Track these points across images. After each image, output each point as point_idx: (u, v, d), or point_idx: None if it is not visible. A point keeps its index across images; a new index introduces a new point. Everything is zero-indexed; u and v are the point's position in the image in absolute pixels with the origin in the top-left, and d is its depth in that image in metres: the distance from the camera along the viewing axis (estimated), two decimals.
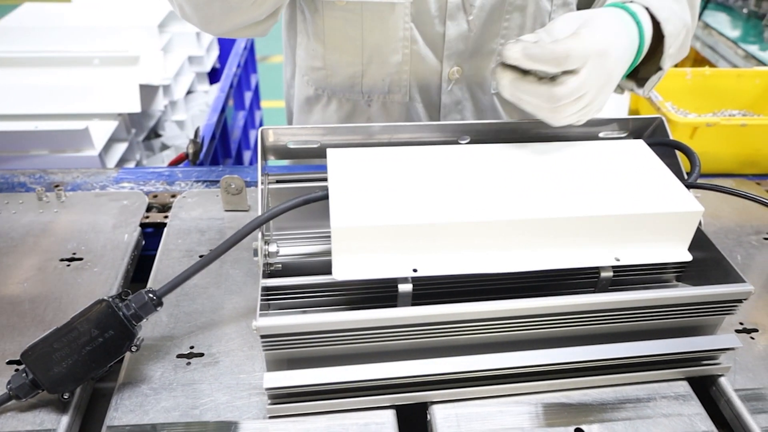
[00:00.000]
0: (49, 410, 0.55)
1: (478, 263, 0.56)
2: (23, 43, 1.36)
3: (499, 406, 0.57)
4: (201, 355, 0.61)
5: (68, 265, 0.72)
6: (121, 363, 0.59)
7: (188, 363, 0.60)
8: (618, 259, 0.58)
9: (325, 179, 0.59)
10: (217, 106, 1.46)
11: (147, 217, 0.82)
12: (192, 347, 0.62)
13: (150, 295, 0.55)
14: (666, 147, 0.68)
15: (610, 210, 0.56)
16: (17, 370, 0.54)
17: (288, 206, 0.58)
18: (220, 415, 0.55)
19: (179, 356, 0.60)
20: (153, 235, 0.80)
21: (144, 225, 0.80)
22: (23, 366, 0.53)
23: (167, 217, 0.81)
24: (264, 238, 0.59)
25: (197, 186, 0.90)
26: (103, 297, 0.53)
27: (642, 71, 0.69)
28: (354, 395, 0.55)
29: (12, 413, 0.55)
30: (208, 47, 1.65)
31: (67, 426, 0.54)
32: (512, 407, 0.57)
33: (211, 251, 0.57)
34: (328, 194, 0.57)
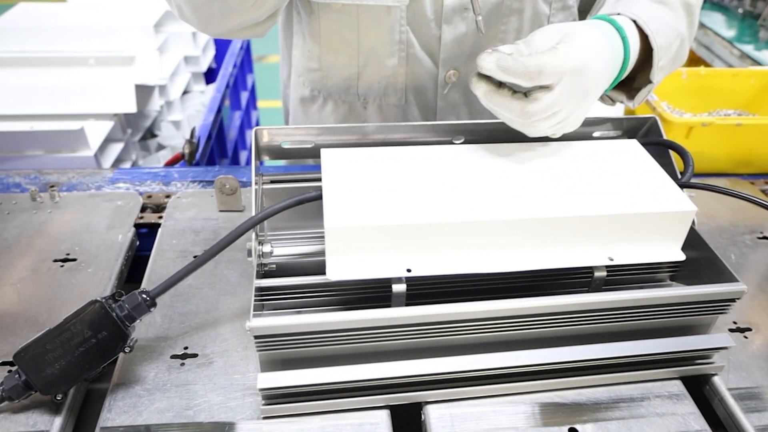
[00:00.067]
0: (42, 411, 0.55)
1: (472, 263, 0.56)
2: (18, 43, 1.35)
3: (493, 406, 0.57)
4: (195, 356, 0.61)
5: (62, 266, 0.72)
6: (115, 364, 0.59)
7: (182, 364, 0.60)
8: (611, 259, 0.58)
9: (320, 179, 0.59)
10: (214, 106, 1.46)
11: (141, 218, 0.81)
12: (186, 348, 0.61)
13: (143, 296, 0.54)
14: (660, 147, 0.68)
15: (604, 210, 0.56)
16: (10, 372, 0.54)
17: (282, 206, 0.58)
18: (214, 416, 0.55)
19: (173, 357, 0.60)
20: (147, 236, 0.80)
21: (138, 225, 0.80)
22: (16, 367, 0.53)
23: (161, 218, 0.81)
24: (258, 239, 0.59)
25: (193, 186, 0.89)
26: (97, 298, 0.53)
27: (638, 81, 0.67)
28: (348, 395, 0.55)
29: (5, 415, 0.54)
30: (204, 47, 1.64)
31: (61, 427, 0.54)
32: (506, 407, 0.57)
33: (205, 252, 0.56)
34: (322, 194, 0.57)
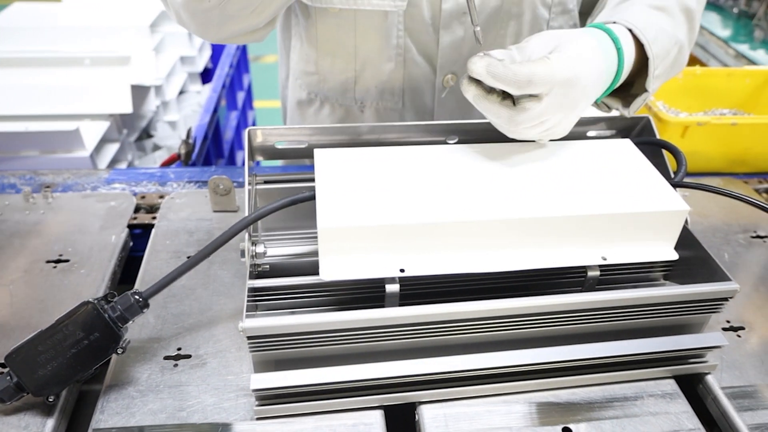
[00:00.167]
0: (34, 413, 0.55)
1: (465, 263, 0.56)
2: (13, 43, 1.35)
3: (487, 406, 0.57)
4: (188, 357, 0.60)
5: (55, 267, 0.71)
6: (108, 365, 0.59)
7: (175, 365, 0.60)
8: (605, 258, 0.58)
9: (314, 179, 0.59)
10: (210, 107, 1.46)
11: (135, 218, 0.81)
12: (179, 349, 0.61)
13: (136, 297, 0.54)
14: (653, 146, 0.68)
15: (597, 209, 0.56)
16: (1, 373, 0.54)
17: (275, 207, 0.58)
18: (208, 417, 0.55)
19: (166, 358, 0.60)
20: (141, 237, 0.80)
21: (132, 226, 0.80)
22: (7, 369, 0.52)
23: (155, 218, 0.81)
24: (251, 239, 0.59)
25: (189, 186, 0.89)
26: (89, 299, 0.53)
27: (635, 87, 0.67)
28: (342, 396, 0.55)
29: None
30: (201, 47, 1.64)
31: (53, 429, 0.54)
32: (500, 407, 0.57)
33: (198, 252, 0.56)
34: (315, 194, 0.57)
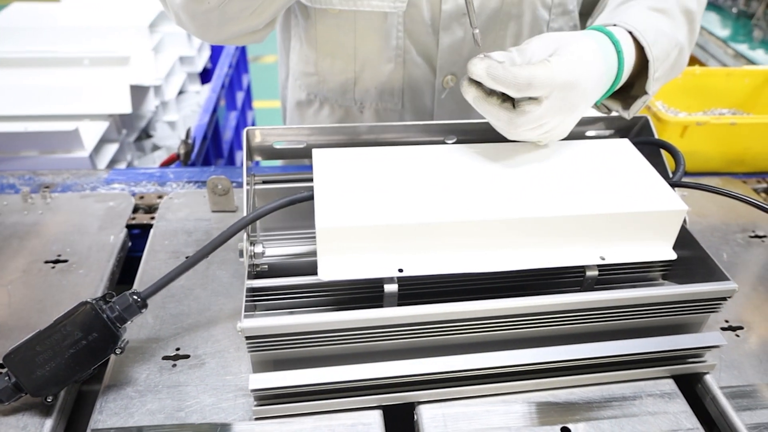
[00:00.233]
0: (33, 414, 0.55)
1: (464, 263, 0.56)
2: (12, 44, 1.35)
3: (486, 406, 0.57)
4: (187, 357, 0.60)
5: (53, 267, 0.71)
6: (106, 365, 0.59)
7: (174, 365, 0.60)
8: (603, 258, 0.58)
9: (313, 179, 0.59)
10: (209, 107, 1.46)
11: (133, 219, 0.81)
12: (178, 349, 0.61)
13: (134, 297, 0.54)
14: (651, 146, 0.68)
15: (595, 209, 0.56)
16: (0, 374, 0.53)
17: (273, 207, 0.58)
18: (206, 417, 0.55)
19: (165, 358, 0.60)
20: (139, 237, 0.80)
21: (130, 226, 0.80)
22: (5, 369, 0.52)
23: (154, 219, 0.81)
24: (250, 239, 0.59)
25: (189, 187, 0.89)
26: (87, 299, 0.53)
27: (635, 89, 0.67)
28: (341, 396, 0.55)
29: None
30: (200, 47, 1.64)
31: (51, 429, 0.54)
32: (499, 406, 0.57)
33: (196, 252, 0.56)
34: (314, 194, 0.57)
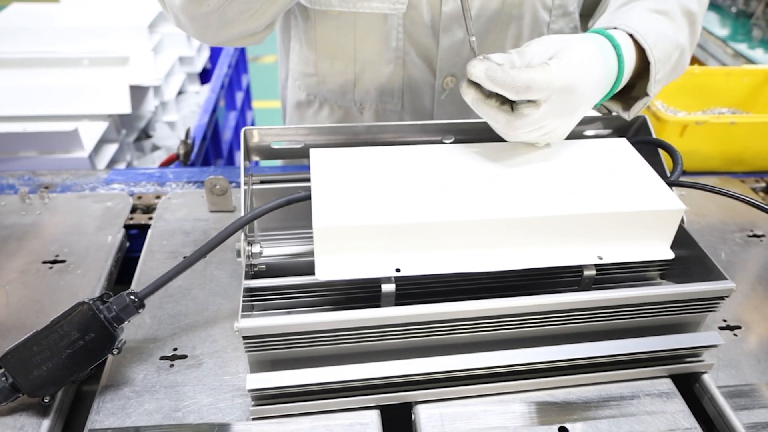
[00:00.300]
0: (30, 414, 0.55)
1: (462, 262, 0.56)
2: (11, 44, 1.35)
3: (483, 406, 0.57)
4: (184, 357, 0.60)
5: (51, 268, 0.71)
6: (104, 365, 0.59)
7: (171, 365, 0.60)
8: (600, 258, 0.58)
9: (310, 179, 0.59)
10: (208, 107, 1.46)
11: (131, 219, 0.81)
12: (175, 349, 0.61)
13: (131, 297, 0.54)
14: (649, 145, 0.68)
15: (593, 208, 0.56)
16: None
17: (271, 207, 0.58)
18: (203, 418, 0.55)
19: (162, 358, 0.60)
20: (137, 237, 0.80)
21: (128, 227, 0.80)
22: (2, 370, 0.52)
23: (152, 219, 0.81)
24: (247, 239, 0.59)
25: (188, 187, 0.89)
26: (85, 299, 0.53)
27: (636, 90, 0.67)
28: (338, 396, 0.55)
29: None
30: (199, 48, 1.64)
31: (48, 429, 0.54)
32: (496, 406, 0.57)
33: (193, 253, 0.56)
34: (311, 194, 0.57)
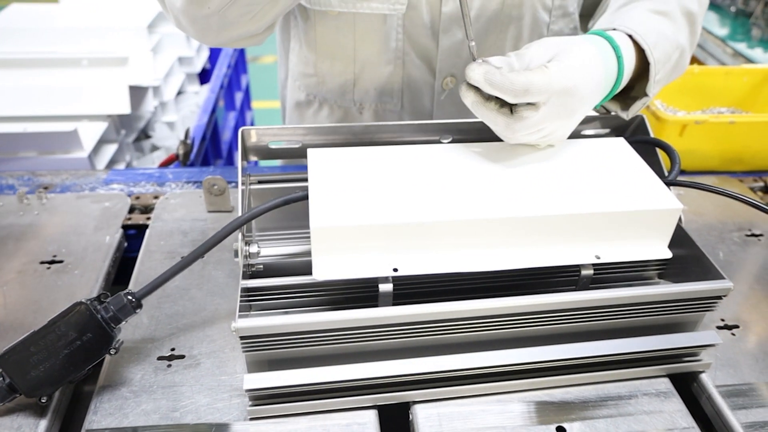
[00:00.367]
0: (27, 414, 0.54)
1: (459, 262, 0.56)
2: (10, 44, 1.35)
3: (481, 405, 0.57)
4: (182, 357, 0.60)
5: (48, 268, 0.71)
6: (101, 365, 0.59)
7: (169, 365, 0.60)
8: (598, 257, 0.58)
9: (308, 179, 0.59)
10: (208, 107, 1.46)
11: (129, 219, 0.81)
12: (173, 349, 0.61)
13: (129, 298, 0.54)
14: (647, 145, 0.68)
15: (591, 208, 0.56)
16: None
17: (268, 207, 0.58)
18: (201, 418, 0.55)
19: (160, 358, 0.60)
20: (135, 237, 0.80)
21: (126, 227, 0.80)
22: (0, 370, 0.52)
23: (149, 219, 0.81)
24: (245, 239, 0.59)
25: (188, 187, 0.89)
26: (82, 299, 0.53)
27: (636, 90, 0.67)
28: (336, 396, 0.55)
29: None
30: (198, 48, 1.64)
31: (46, 430, 0.54)
32: (494, 406, 0.57)
33: (190, 253, 0.56)
34: (308, 194, 0.57)
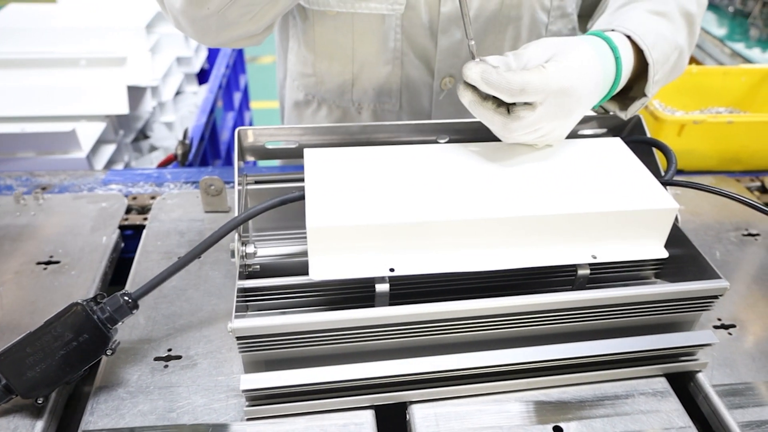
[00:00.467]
0: (24, 415, 0.54)
1: (456, 262, 0.56)
2: (9, 45, 1.35)
3: (478, 405, 0.57)
4: (179, 358, 0.60)
5: (45, 269, 0.71)
6: (98, 366, 0.59)
7: (166, 366, 0.60)
8: (595, 257, 0.58)
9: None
10: (206, 107, 1.46)
11: (126, 219, 0.81)
12: (170, 350, 0.61)
13: (125, 298, 0.54)
14: (644, 145, 0.68)
15: (587, 207, 0.56)
16: None
17: (264, 207, 0.58)
18: (198, 418, 0.55)
19: (157, 359, 0.60)
20: (132, 238, 0.80)
21: (123, 227, 0.80)
22: None
23: (146, 219, 0.81)
24: (241, 239, 0.59)
25: (186, 187, 0.89)
26: (78, 300, 0.53)
27: (634, 90, 0.66)
28: (332, 396, 0.55)
29: None
30: (197, 48, 1.64)
31: (42, 431, 0.53)
32: (491, 406, 0.57)
33: (187, 253, 0.56)
34: (305, 194, 0.57)
